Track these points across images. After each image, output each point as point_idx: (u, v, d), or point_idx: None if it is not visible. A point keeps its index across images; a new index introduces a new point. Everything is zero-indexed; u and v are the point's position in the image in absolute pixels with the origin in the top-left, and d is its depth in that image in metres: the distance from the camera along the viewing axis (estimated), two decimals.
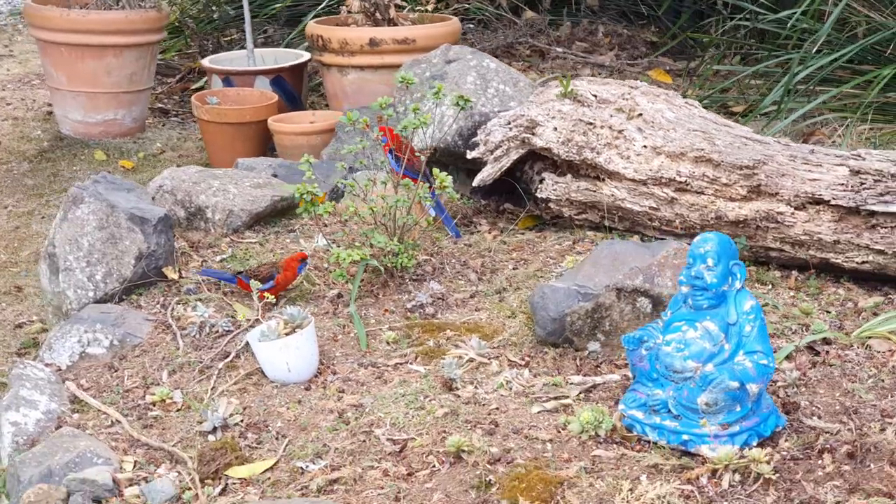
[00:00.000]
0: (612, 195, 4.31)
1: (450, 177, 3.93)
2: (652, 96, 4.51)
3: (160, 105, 7.24)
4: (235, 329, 3.77)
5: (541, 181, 4.49)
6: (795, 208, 3.96)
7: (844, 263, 3.88)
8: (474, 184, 4.54)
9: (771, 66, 6.11)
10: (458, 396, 3.26)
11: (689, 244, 3.37)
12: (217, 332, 3.76)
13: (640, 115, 4.36)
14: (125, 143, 6.55)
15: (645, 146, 4.27)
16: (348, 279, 3.93)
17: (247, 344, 3.64)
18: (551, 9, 8.24)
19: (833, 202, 3.87)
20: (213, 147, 5.92)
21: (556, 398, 3.22)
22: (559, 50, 7.76)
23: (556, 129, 4.41)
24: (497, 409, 3.19)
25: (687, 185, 4.14)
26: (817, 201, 3.92)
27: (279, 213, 4.56)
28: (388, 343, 3.63)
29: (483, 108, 4.84)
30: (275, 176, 4.89)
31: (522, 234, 4.51)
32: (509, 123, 4.49)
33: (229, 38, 8.04)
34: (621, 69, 7.42)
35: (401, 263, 3.91)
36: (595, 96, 4.52)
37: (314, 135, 5.66)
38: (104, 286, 3.99)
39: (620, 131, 4.33)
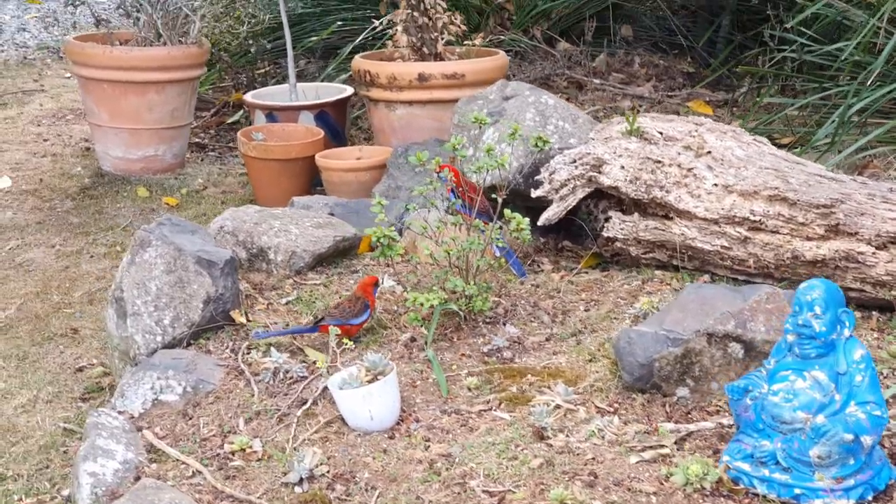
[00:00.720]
0: (682, 234, 4.24)
1: (527, 219, 3.86)
2: (719, 133, 4.45)
3: (196, 139, 7.20)
4: (310, 375, 3.70)
5: (606, 220, 4.42)
6: (877, 248, 3.89)
7: None
8: (540, 223, 4.48)
9: (817, 99, 6.03)
10: (551, 446, 3.19)
11: (782, 289, 3.32)
12: (292, 377, 3.70)
13: (709, 152, 4.30)
14: (166, 178, 6.50)
15: (716, 184, 4.21)
16: (423, 323, 3.85)
17: (324, 390, 3.57)
18: (591, 40, 8.19)
19: None
20: (259, 183, 5.86)
21: (652, 447, 3.15)
22: (597, 81, 7.71)
23: (622, 167, 4.35)
24: (593, 459, 3.12)
25: (761, 224, 4.08)
26: None
27: (341, 254, 4.50)
28: (469, 389, 3.57)
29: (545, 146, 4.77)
30: (331, 215, 4.83)
31: (587, 273, 4.44)
32: (574, 161, 4.43)
33: (262, 70, 7.99)
34: (661, 100, 7.37)
35: (476, 307, 3.84)
36: (660, 133, 4.46)
37: (363, 171, 5.61)
38: (172, 331, 3.92)
39: (690, 169, 4.27)
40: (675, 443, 3.18)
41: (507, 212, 4.01)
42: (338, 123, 6.28)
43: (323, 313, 3.85)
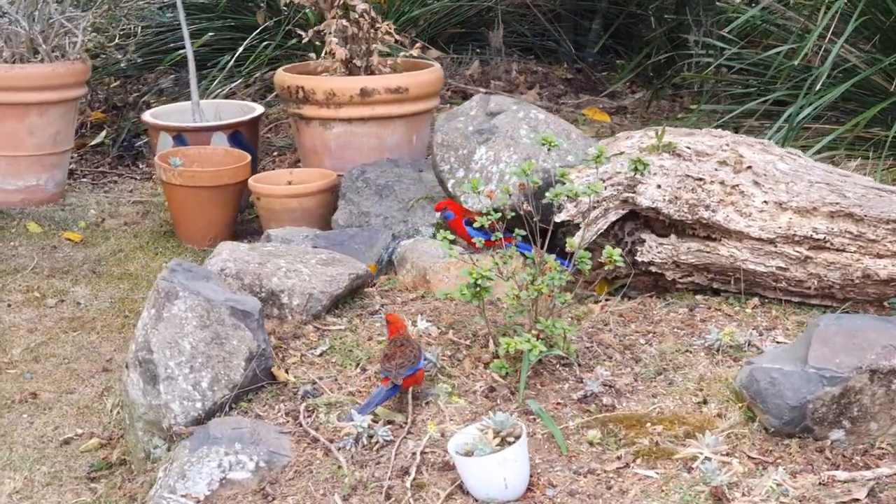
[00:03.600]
0: (732, 256, 3.97)
1: (618, 250, 3.49)
2: (746, 146, 4.20)
3: None
4: (395, 437, 3.25)
5: (639, 243, 4.11)
6: None
7: None
8: (568, 249, 4.11)
9: (756, 105, 5.90)
10: None
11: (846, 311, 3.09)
12: (377, 442, 3.24)
13: (749, 167, 4.05)
14: (51, 210, 5.84)
15: (765, 202, 3.95)
16: (508, 371, 3.45)
17: (421, 454, 3.13)
18: (457, 47, 7.88)
19: None
20: (183, 214, 5.29)
21: (850, 503, 2.84)
22: (482, 90, 7.38)
23: (659, 186, 4.05)
24: None
25: (825, 242, 3.84)
26: None
27: (352, 293, 4.03)
28: (591, 444, 3.19)
29: (545, 164, 4.43)
30: (315, 248, 4.35)
31: (621, 302, 4.11)
32: (603, 182, 4.08)
33: (124, 87, 7.35)
34: (558, 109, 7.11)
35: (567, 350, 3.45)
36: (688, 148, 4.17)
37: (308, 197, 5.13)
38: (212, 395, 3.40)
39: (734, 186, 4.00)
40: (868, 494, 2.88)
41: (571, 241, 3.63)
42: (251, 144, 5.76)
43: (384, 368, 3.37)
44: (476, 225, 3.58)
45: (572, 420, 3.32)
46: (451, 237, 3.55)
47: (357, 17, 5.40)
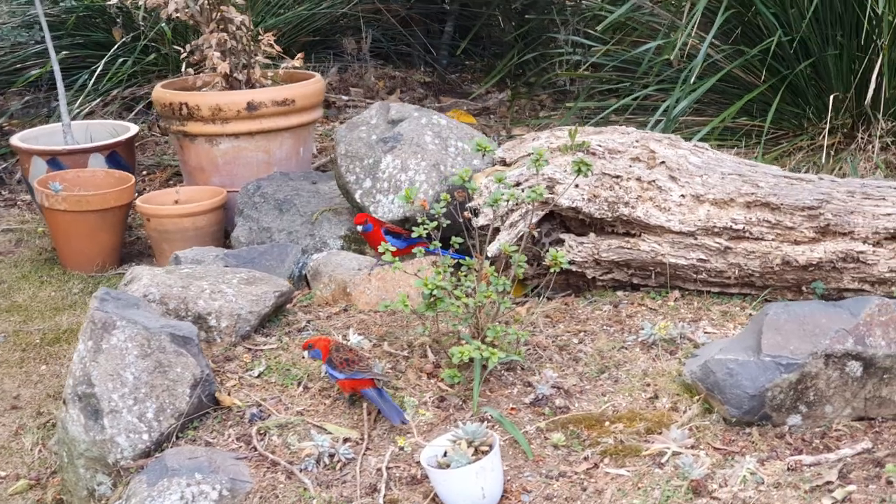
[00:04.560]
0: (653, 251, 4.02)
1: (562, 252, 3.50)
2: (654, 141, 4.26)
3: None
4: (356, 455, 3.20)
5: (557, 243, 4.13)
6: (874, 245, 3.81)
7: None
8: (490, 254, 4.11)
9: (632, 101, 5.99)
10: (718, 499, 2.88)
11: (766, 299, 3.18)
12: (339, 461, 3.18)
13: (663, 162, 4.11)
14: None
15: (683, 195, 4.02)
16: (459, 379, 3.43)
17: (386, 470, 3.10)
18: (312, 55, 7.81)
19: None
20: (68, 240, 5.12)
21: (821, 486, 2.90)
22: (345, 98, 7.33)
23: (577, 185, 4.08)
24: None
25: (744, 232, 3.92)
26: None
27: (276, 310, 3.96)
28: (556, 447, 3.19)
29: (453, 170, 4.43)
30: (226, 266, 4.26)
31: (544, 302, 4.12)
32: (520, 184, 4.10)
33: None
34: None
35: (498, 358, 3.42)
36: (600, 146, 4.21)
37: (201, 215, 5.01)
38: (158, 425, 3.30)
39: (651, 181, 4.05)
40: (839, 476, 2.94)
41: (553, 251, 3.60)
42: (129, 164, 5.60)
43: (356, 371, 3.32)
44: (415, 235, 3.54)
45: (530, 424, 3.31)
46: (370, 248, 3.50)
47: (235, 29, 5.30)
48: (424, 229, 3.55)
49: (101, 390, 3.26)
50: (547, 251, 4.18)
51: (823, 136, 5.55)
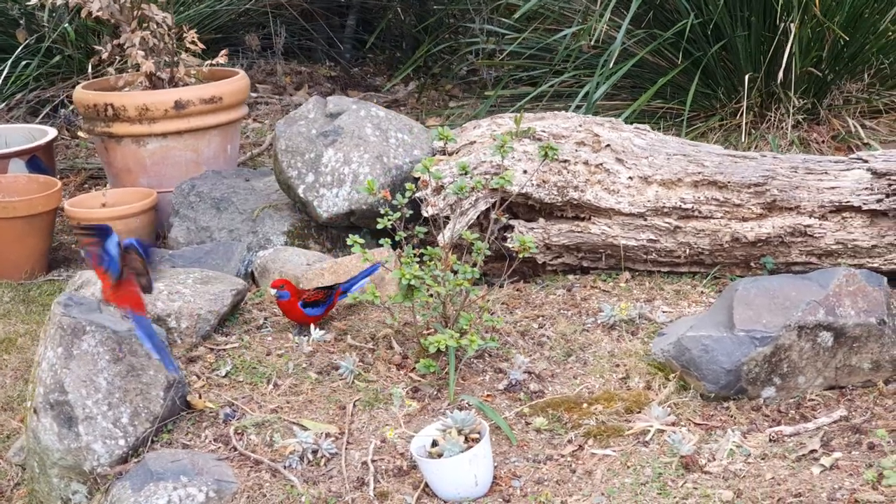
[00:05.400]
0: (603, 233, 4.08)
1: (530, 236, 3.53)
2: (596, 125, 4.32)
3: None
4: (339, 449, 3.20)
5: (506, 229, 4.15)
6: (820, 218, 3.91)
7: (883, 266, 3.88)
8: (442, 244, 4.12)
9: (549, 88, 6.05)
10: (710, 473, 2.94)
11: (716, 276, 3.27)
12: (323, 456, 3.18)
13: (608, 145, 4.16)
14: None
15: (631, 177, 4.08)
16: (435, 369, 3.44)
17: (372, 462, 3.10)
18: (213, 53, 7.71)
19: (865, 207, 3.86)
20: None
21: (807, 455, 2.97)
22: (254, 95, 7.28)
23: (525, 171, 4.12)
24: (773, 479, 2.90)
25: (693, 211, 3.99)
26: (841, 209, 3.90)
27: (232, 309, 3.93)
28: (537, 431, 3.22)
29: (396, 161, 4.43)
30: (173, 267, 4.21)
31: (495, 289, 4.15)
32: (467, 172, 4.11)
33: None
34: None
35: (477, 345, 3.44)
36: (544, 132, 4.25)
37: (133, 217, 4.94)
38: (133, 430, 3.26)
39: (598, 165, 4.11)
40: (822, 445, 3.02)
41: (521, 237, 3.60)
42: (49, 169, 5.50)
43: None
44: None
45: (508, 410, 3.33)
46: (362, 241, 3.50)
47: (157, 27, 5.22)
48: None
49: (75, 397, 3.20)
50: (496, 238, 4.20)
51: (741, 115, 5.66)
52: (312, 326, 3.78)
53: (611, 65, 5.71)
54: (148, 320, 3.25)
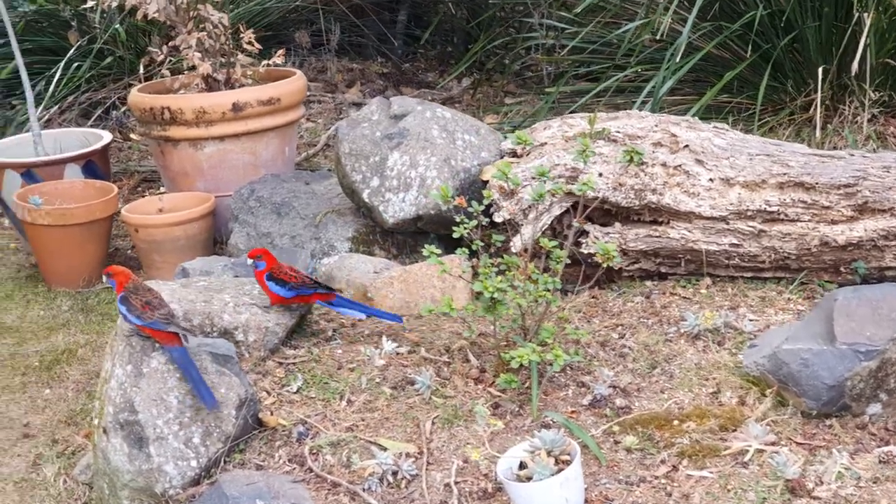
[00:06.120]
0: (683, 238, 3.91)
1: (612, 245, 3.37)
2: (672, 124, 4.15)
3: None
4: (419, 470, 3.05)
5: (580, 234, 3.99)
6: None
7: None
8: (514, 249, 3.98)
9: (615, 83, 5.88)
10: (819, 498, 2.77)
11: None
12: (403, 478, 3.03)
13: (687, 146, 3.99)
14: None
15: (711, 179, 3.91)
16: (516, 384, 3.29)
17: (455, 485, 2.95)
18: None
19: None
20: (53, 256, 4.90)
21: None
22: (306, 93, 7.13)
23: (601, 174, 3.95)
24: None
25: (779, 214, 3.82)
26: None
27: (300, 321, 3.79)
28: (628, 450, 3.06)
29: (464, 164, 4.28)
30: (236, 276, 4.08)
31: (570, 296, 4.00)
32: (546, 177, 3.95)
33: None
34: None
35: (563, 361, 3.28)
36: (619, 132, 4.09)
37: (192, 222, 4.82)
38: (205, 450, 3.13)
39: (677, 166, 3.94)
40: None
41: (602, 245, 3.45)
42: (105, 174, 5.38)
43: (156, 319, 3.17)
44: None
45: (594, 427, 3.18)
46: (439, 251, 3.35)
47: (213, 28, 5.10)
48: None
49: (146, 417, 3.08)
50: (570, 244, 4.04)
51: (813, 109, 5.47)
52: (384, 338, 3.64)
53: (677, 59, 5.53)
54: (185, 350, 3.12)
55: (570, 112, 5.69)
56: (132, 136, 6.50)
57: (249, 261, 3.54)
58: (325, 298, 3.58)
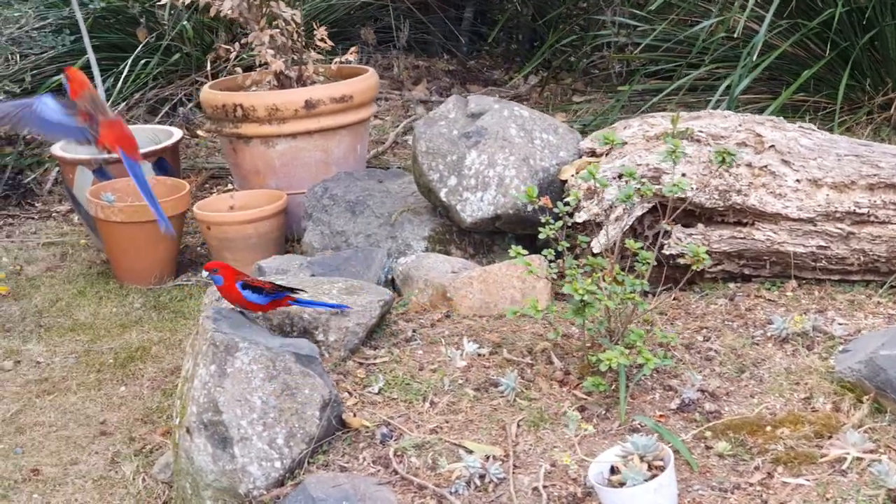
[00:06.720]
0: (769, 239, 3.83)
1: (703, 248, 3.30)
2: (757, 124, 4.07)
3: None
4: (506, 474, 2.99)
5: (663, 235, 3.92)
6: None
7: None
8: (595, 250, 3.92)
9: (689, 82, 5.80)
10: None
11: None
12: (490, 482, 2.97)
13: (772, 146, 3.91)
14: None
15: (798, 180, 3.83)
16: (603, 388, 3.23)
17: (544, 489, 2.89)
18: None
19: None
20: (125, 253, 4.89)
21: None
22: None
23: (685, 174, 3.88)
24: None
25: (868, 216, 3.73)
26: None
27: (379, 321, 3.75)
28: (720, 456, 2.99)
29: (543, 163, 4.22)
30: (313, 276, 4.04)
31: (651, 298, 3.92)
32: (633, 178, 3.88)
33: None
34: None
35: (654, 364, 3.21)
36: (702, 132, 4.02)
37: (264, 220, 4.79)
38: (289, 452, 3.08)
39: (763, 167, 3.86)
40: None
41: (694, 248, 3.36)
42: (175, 170, 5.36)
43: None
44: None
45: (684, 432, 3.11)
46: (525, 252, 3.30)
47: (285, 25, 5.07)
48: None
49: (230, 417, 3.04)
50: (651, 244, 3.98)
51: (894, 108, 5.38)
52: (465, 339, 3.59)
53: (754, 57, 5.44)
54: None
55: (643, 111, 5.62)
56: (199, 132, 6.49)
57: (205, 273, 3.45)
58: (293, 299, 3.50)
